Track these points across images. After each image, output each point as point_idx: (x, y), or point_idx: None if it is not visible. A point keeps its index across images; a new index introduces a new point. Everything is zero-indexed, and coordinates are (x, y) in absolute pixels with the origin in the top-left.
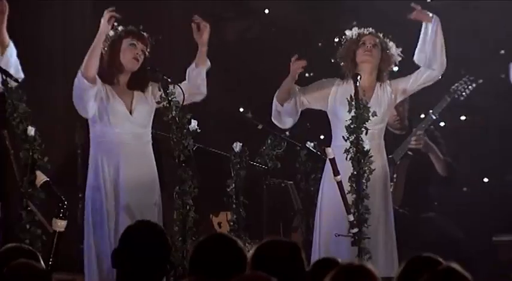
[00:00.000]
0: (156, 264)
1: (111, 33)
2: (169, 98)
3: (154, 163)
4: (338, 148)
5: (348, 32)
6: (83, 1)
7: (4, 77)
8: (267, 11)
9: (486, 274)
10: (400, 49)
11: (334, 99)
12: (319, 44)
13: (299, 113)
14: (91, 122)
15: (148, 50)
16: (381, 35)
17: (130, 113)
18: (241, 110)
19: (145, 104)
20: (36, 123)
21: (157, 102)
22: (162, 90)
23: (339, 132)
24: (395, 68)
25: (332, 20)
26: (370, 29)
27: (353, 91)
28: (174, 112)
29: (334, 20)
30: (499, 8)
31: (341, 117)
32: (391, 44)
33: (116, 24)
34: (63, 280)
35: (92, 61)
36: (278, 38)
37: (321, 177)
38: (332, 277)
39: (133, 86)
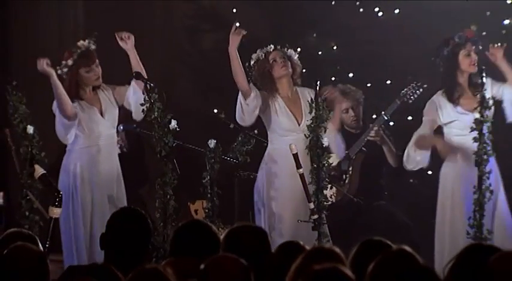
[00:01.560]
0: (139, 246)
1: (70, 62)
2: (152, 101)
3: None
4: (276, 150)
5: (254, 55)
6: (75, 2)
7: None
8: (238, 23)
9: (429, 256)
10: (299, 49)
11: (276, 111)
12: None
13: (255, 116)
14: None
15: (97, 60)
16: (279, 47)
17: (102, 115)
18: (215, 111)
19: (112, 106)
20: (35, 123)
21: (141, 104)
22: (145, 93)
23: (275, 136)
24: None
25: (295, 32)
26: (272, 46)
27: (313, 95)
28: (156, 113)
29: (297, 32)
30: (439, 18)
31: (282, 125)
32: (290, 51)
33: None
34: (58, 260)
35: (63, 102)
36: (248, 46)
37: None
38: (304, 258)
39: (96, 88)
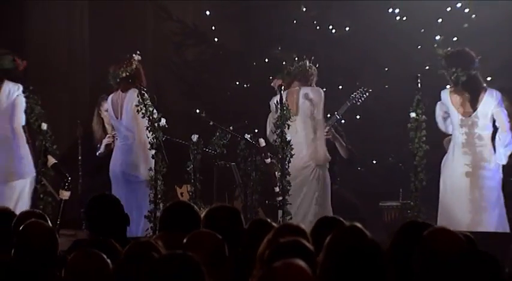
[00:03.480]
0: (115, 224)
1: (138, 58)
2: (145, 103)
3: None
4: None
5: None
6: (81, 4)
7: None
8: (216, 39)
9: (374, 231)
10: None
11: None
12: (254, 62)
13: None
14: None
15: None
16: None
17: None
18: (197, 111)
19: None
20: (48, 121)
21: (136, 105)
22: (139, 96)
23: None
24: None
25: (263, 46)
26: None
27: (278, 98)
28: (148, 112)
29: (264, 46)
30: (381, 34)
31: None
32: None
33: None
34: (68, 234)
35: None
36: (224, 58)
37: (255, 160)
38: (275, 232)
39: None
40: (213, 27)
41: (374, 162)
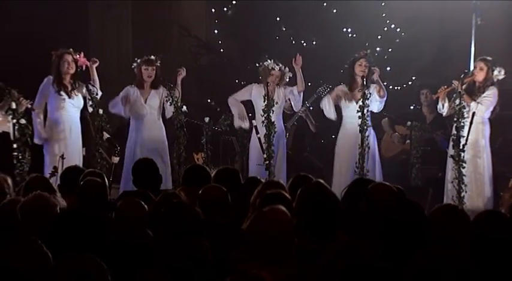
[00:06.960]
0: (152, 181)
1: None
2: (171, 96)
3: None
4: (259, 120)
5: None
6: (126, 20)
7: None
8: (222, 50)
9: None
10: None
11: (255, 95)
12: (248, 66)
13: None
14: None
15: (155, 68)
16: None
17: (145, 101)
18: (209, 100)
19: (156, 97)
20: (103, 107)
21: (165, 96)
22: (168, 91)
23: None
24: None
25: (255, 54)
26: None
27: (264, 91)
28: (174, 102)
29: (255, 55)
30: (339, 45)
31: (258, 104)
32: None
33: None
34: (117, 187)
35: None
36: (227, 63)
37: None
38: (262, 186)
39: (153, 87)
40: (220, 42)
41: (333, 136)
